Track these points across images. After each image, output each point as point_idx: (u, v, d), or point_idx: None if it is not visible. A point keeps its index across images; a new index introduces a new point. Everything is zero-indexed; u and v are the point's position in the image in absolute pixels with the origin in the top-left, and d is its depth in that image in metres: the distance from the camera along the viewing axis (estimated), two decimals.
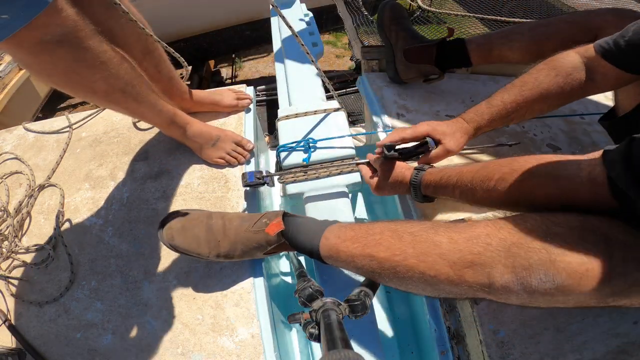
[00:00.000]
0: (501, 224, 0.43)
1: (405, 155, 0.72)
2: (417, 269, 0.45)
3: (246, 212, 0.79)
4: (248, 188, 0.81)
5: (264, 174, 0.78)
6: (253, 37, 2.90)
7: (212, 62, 3.14)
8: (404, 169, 0.69)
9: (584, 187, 0.42)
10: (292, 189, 0.79)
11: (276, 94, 1.07)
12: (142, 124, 1.00)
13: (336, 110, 0.90)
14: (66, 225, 0.83)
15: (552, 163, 0.47)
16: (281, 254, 0.94)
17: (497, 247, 0.41)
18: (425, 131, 0.70)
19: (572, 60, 0.62)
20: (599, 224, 0.38)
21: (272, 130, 2.25)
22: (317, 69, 0.81)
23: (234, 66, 3.36)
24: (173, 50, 0.83)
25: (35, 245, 0.80)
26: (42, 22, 0.50)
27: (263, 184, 0.78)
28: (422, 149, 0.71)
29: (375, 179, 0.73)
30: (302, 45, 0.73)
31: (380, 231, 0.52)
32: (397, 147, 0.70)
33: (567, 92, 0.62)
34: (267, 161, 1.18)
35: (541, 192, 0.47)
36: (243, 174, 0.78)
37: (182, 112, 0.86)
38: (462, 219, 0.67)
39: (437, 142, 0.69)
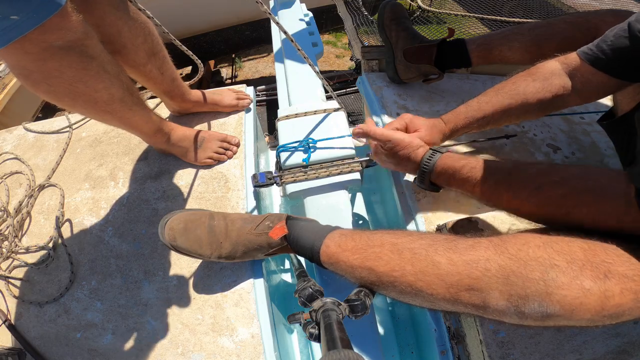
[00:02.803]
0: (502, 248, 0.42)
1: None
2: (415, 286, 0.46)
3: (247, 213, 0.79)
4: (257, 189, 0.81)
5: (274, 173, 0.78)
6: (253, 37, 2.90)
7: (212, 62, 3.14)
8: (418, 146, 0.64)
9: (622, 209, 0.41)
10: (292, 189, 0.79)
11: (276, 94, 1.07)
12: None
13: (336, 110, 0.90)
14: (66, 225, 0.83)
15: (597, 180, 0.45)
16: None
17: (495, 274, 0.41)
18: (406, 120, 0.70)
19: (551, 66, 0.62)
20: (603, 256, 0.38)
21: (272, 130, 2.25)
22: (315, 72, 0.80)
23: (234, 66, 3.36)
24: (186, 49, 0.81)
25: (35, 245, 0.80)
26: (55, 25, 0.48)
27: (273, 184, 0.78)
28: None
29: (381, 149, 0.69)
30: (299, 50, 0.73)
31: (380, 244, 0.52)
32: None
33: (546, 99, 0.61)
34: (267, 161, 1.18)
35: (579, 212, 0.45)
36: (254, 175, 0.78)
37: (164, 119, 0.85)
38: (465, 219, 0.67)
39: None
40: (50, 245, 0.79)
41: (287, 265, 1.00)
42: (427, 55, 0.88)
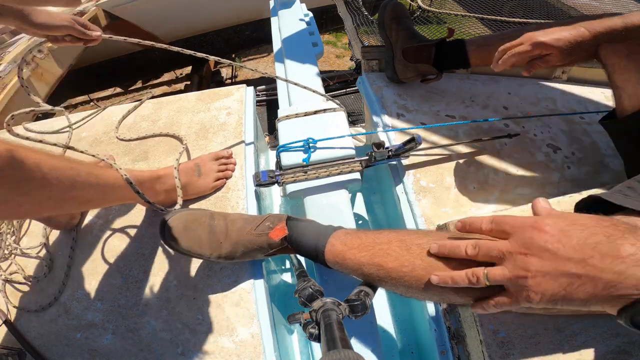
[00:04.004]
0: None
1: (395, 152, 0.74)
2: (425, 280, 0.47)
3: (248, 213, 0.79)
4: (258, 188, 0.80)
5: (276, 172, 0.78)
6: (253, 37, 2.90)
7: (212, 62, 3.14)
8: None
9: None
10: (292, 188, 0.79)
11: (276, 94, 1.07)
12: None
13: (336, 110, 0.90)
14: None
15: None
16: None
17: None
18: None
19: None
20: None
21: (272, 130, 2.25)
22: (284, 80, 0.80)
23: (234, 66, 3.36)
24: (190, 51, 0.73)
25: (35, 245, 0.80)
26: None
27: (275, 183, 0.78)
28: (410, 145, 0.72)
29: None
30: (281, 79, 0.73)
31: (388, 241, 0.52)
32: (387, 146, 0.70)
33: None
34: (267, 161, 1.18)
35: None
36: (256, 174, 0.78)
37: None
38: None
39: None
40: (50, 245, 0.79)
41: (287, 265, 1.00)
42: (425, 55, 0.88)
